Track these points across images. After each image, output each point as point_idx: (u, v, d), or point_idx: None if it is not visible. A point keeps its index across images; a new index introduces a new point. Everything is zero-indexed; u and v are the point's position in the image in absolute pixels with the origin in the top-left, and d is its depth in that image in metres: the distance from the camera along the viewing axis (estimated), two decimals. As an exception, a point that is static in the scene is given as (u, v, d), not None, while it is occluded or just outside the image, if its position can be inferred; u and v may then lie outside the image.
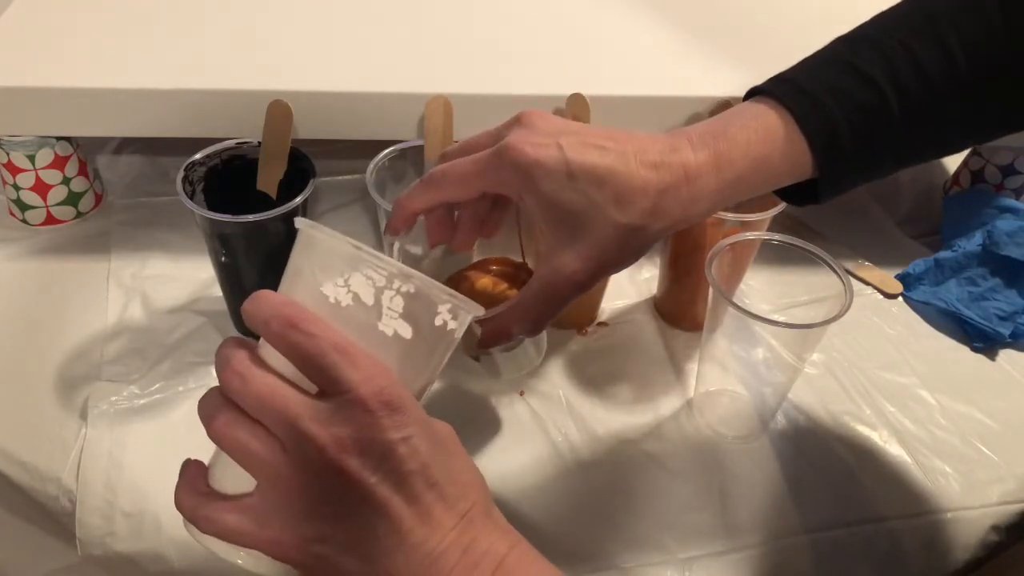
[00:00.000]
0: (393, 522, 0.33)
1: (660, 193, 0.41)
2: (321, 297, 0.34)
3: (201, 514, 0.35)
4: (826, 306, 0.51)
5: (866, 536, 0.54)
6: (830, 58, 0.45)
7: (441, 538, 0.33)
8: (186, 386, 0.58)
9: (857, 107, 0.43)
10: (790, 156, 0.43)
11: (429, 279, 0.34)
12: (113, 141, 0.80)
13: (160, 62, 0.64)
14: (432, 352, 0.36)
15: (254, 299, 0.34)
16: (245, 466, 0.34)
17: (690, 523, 0.54)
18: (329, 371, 0.32)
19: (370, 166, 0.59)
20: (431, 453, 0.34)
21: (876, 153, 0.44)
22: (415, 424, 0.33)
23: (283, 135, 0.58)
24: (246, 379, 0.33)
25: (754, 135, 0.42)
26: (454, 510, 0.34)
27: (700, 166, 0.41)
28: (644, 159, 0.41)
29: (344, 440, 0.32)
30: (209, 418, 0.34)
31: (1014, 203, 0.73)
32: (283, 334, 0.33)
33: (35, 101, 0.62)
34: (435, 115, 0.62)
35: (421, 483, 0.33)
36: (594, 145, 0.41)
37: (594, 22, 0.75)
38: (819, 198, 0.45)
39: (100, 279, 0.66)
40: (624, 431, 0.59)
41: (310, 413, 0.32)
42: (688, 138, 0.42)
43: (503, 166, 0.41)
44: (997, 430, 0.61)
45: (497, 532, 0.35)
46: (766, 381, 0.59)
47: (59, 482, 0.53)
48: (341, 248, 0.34)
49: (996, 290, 0.68)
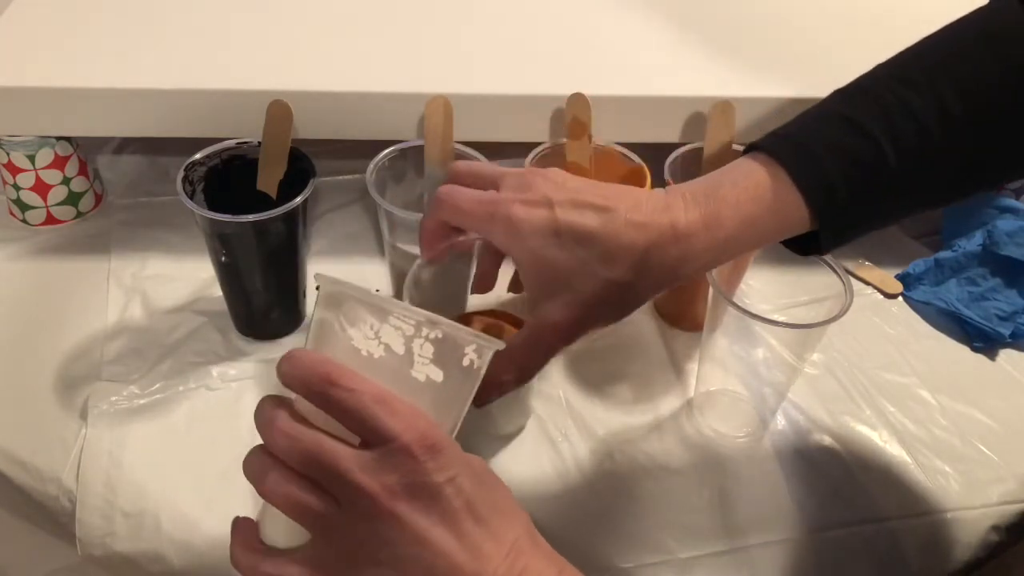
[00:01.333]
0: (448, 560, 0.34)
1: (646, 251, 0.41)
2: (353, 351, 0.35)
3: (261, 570, 0.36)
4: (826, 306, 0.51)
5: (866, 536, 0.54)
6: (826, 112, 0.45)
7: (493, 570, 0.35)
8: (186, 386, 0.58)
9: (853, 161, 0.42)
10: (779, 213, 0.43)
11: (454, 323, 0.35)
12: (113, 141, 0.80)
13: (160, 62, 0.64)
14: (460, 391, 0.38)
15: (289, 359, 0.35)
16: (299, 521, 0.35)
17: (690, 523, 0.54)
18: (371, 422, 0.34)
19: (370, 166, 0.59)
20: (474, 490, 0.35)
21: (875, 205, 0.44)
22: (457, 464, 0.35)
23: (283, 135, 0.58)
24: (293, 438, 0.34)
25: (744, 193, 0.42)
26: (503, 542, 0.36)
27: (689, 225, 0.41)
28: (633, 218, 0.41)
29: (394, 487, 0.33)
30: (259, 478, 0.35)
31: (1014, 203, 0.73)
32: (323, 392, 0.34)
33: (35, 101, 0.62)
34: (435, 115, 0.62)
35: (469, 521, 0.35)
36: (586, 204, 0.41)
37: (594, 22, 0.75)
38: (822, 251, 0.45)
39: (100, 279, 0.66)
40: (624, 431, 0.59)
41: (359, 465, 0.34)
42: (682, 196, 0.43)
43: (494, 220, 0.42)
44: (997, 430, 0.61)
45: (545, 559, 0.37)
46: (766, 381, 0.59)
47: (59, 482, 0.53)
48: (367, 301, 0.35)
49: (996, 290, 0.68)
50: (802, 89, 0.66)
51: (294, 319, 0.64)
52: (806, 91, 0.66)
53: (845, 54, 0.70)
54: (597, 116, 0.62)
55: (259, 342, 0.62)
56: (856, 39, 0.74)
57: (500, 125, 0.65)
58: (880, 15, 0.78)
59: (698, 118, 0.65)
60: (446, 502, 0.34)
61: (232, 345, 0.62)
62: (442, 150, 0.62)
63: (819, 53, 0.71)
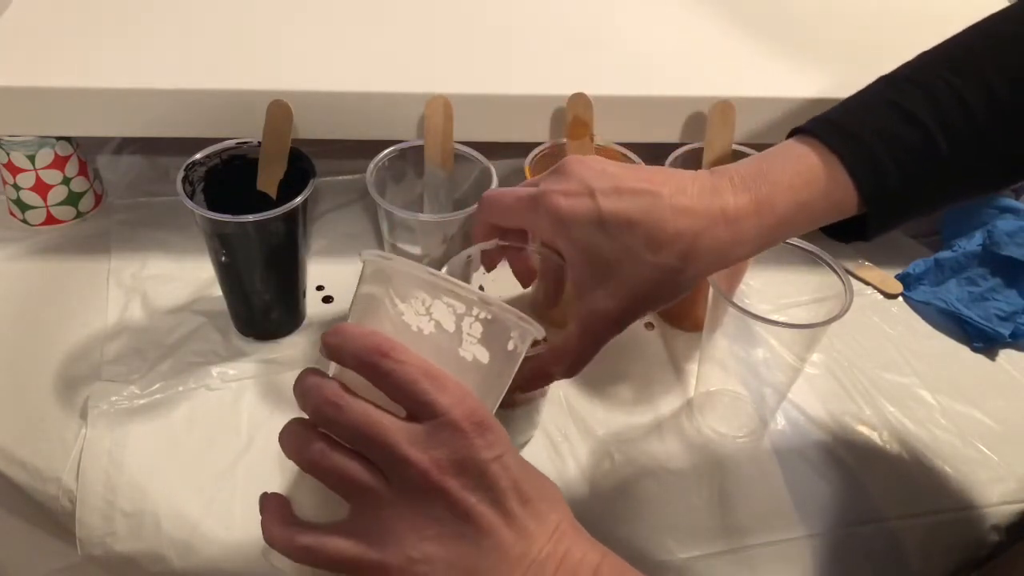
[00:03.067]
0: (494, 538, 0.34)
1: (695, 236, 0.41)
2: (403, 325, 0.35)
3: (299, 543, 0.35)
4: (826, 306, 0.51)
5: (866, 536, 0.54)
6: (873, 98, 0.45)
7: (539, 550, 0.35)
8: (186, 386, 0.58)
9: (904, 147, 0.43)
10: (832, 198, 0.43)
11: (503, 304, 0.35)
12: (113, 141, 0.80)
13: (160, 62, 0.64)
14: (502, 375, 0.38)
15: (338, 332, 0.35)
16: (343, 493, 0.35)
17: (690, 523, 0.54)
18: (421, 396, 0.33)
19: (370, 166, 0.59)
20: (520, 471, 0.35)
21: (925, 192, 0.44)
22: (504, 443, 0.35)
23: (283, 135, 0.58)
24: (341, 408, 0.34)
25: (797, 178, 0.42)
26: (546, 524, 0.36)
27: (739, 210, 0.41)
28: (679, 202, 0.41)
29: (443, 462, 0.33)
30: (300, 449, 0.35)
31: (1014, 203, 0.73)
32: (374, 363, 0.34)
33: (35, 101, 0.62)
34: (435, 115, 0.62)
35: (515, 500, 0.35)
36: (628, 190, 0.41)
37: (595, 22, 0.75)
38: (867, 237, 0.45)
39: (100, 279, 0.66)
40: (624, 431, 0.59)
41: (407, 438, 0.33)
42: (730, 179, 0.42)
43: (538, 213, 0.42)
44: (997, 430, 0.61)
45: (588, 543, 0.37)
46: (766, 381, 0.59)
47: (59, 482, 0.53)
48: (421, 277, 0.35)
49: (996, 290, 0.68)
50: (802, 89, 0.66)
51: (294, 319, 0.64)
52: (806, 91, 0.66)
53: (846, 54, 0.70)
54: (596, 116, 0.62)
55: (259, 342, 0.62)
56: (856, 39, 0.74)
57: (500, 125, 0.65)
58: (880, 15, 0.78)
59: (698, 118, 0.65)
60: (493, 480, 0.34)
61: (232, 345, 0.62)
62: (442, 150, 0.62)
63: (820, 53, 0.71)
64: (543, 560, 0.35)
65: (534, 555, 0.35)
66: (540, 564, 0.35)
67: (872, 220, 0.44)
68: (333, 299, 0.66)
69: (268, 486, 0.53)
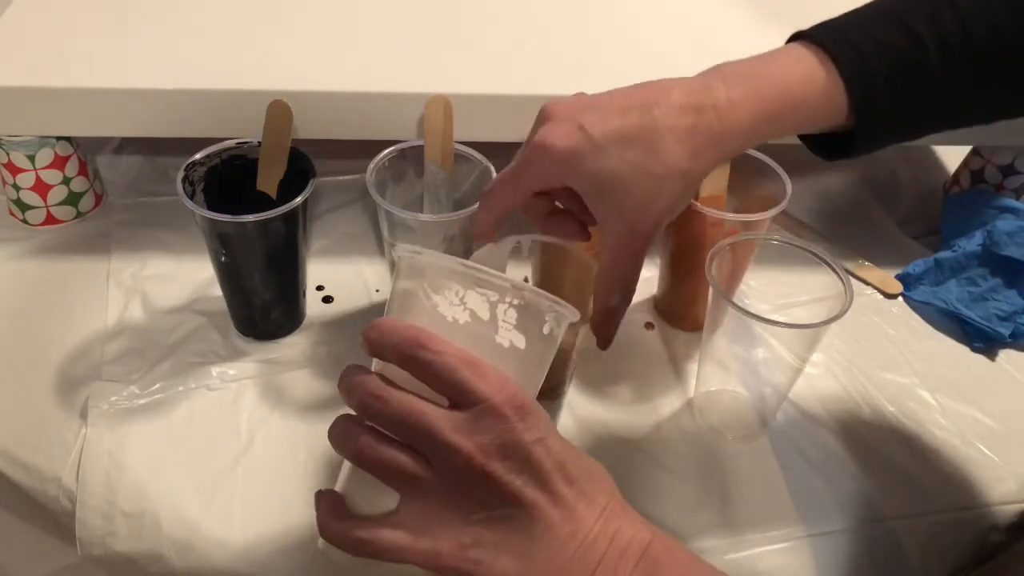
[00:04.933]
0: (543, 519, 0.34)
1: (692, 134, 0.41)
2: (439, 317, 0.36)
3: (354, 537, 0.36)
4: (826, 306, 0.51)
5: (866, 536, 0.54)
6: (878, 10, 0.45)
7: (588, 530, 0.35)
8: (186, 386, 0.58)
9: (897, 58, 0.43)
10: (826, 101, 0.43)
11: (535, 289, 0.36)
12: (113, 141, 0.80)
13: (160, 62, 0.64)
14: (540, 359, 0.38)
15: (376, 328, 0.35)
16: (392, 484, 0.35)
17: (690, 523, 0.54)
18: (461, 384, 0.34)
19: (370, 166, 0.59)
20: (564, 452, 0.36)
21: (912, 107, 0.44)
22: (546, 426, 0.35)
23: (283, 135, 0.58)
24: (386, 400, 0.35)
25: (791, 76, 0.43)
26: (594, 504, 0.36)
27: (733, 102, 0.42)
28: (669, 103, 0.41)
29: (488, 447, 0.34)
30: (349, 443, 0.36)
31: (1014, 203, 0.73)
32: (413, 355, 0.34)
33: (35, 101, 0.62)
34: (435, 115, 0.62)
35: (561, 481, 0.35)
36: (616, 110, 0.42)
37: (595, 21, 0.75)
38: (851, 151, 0.45)
39: (100, 279, 0.66)
40: (624, 431, 0.59)
41: (451, 425, 0.34)
42: (723, 76, 0.43)
43: (537, 163, 0.43)
44: (997, 430, 0.61)
45: (638, 522, 0.37)
46: (766, 381, 0.59)
47: (59, 482, 0.53)
48: (453, 268, 0.36)
49: (996, 290, 0.68)
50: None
51: (294, 319, 0.64)
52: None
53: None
54: (597, 116, 0.62)
55: (259, 342, 0.62)
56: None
57: (500, 125, 0.65)
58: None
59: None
60: (537, 462, 0.34)
61: (232, 345, 0.62)
62: (442, 150, 0.62)
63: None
64: (593, 539, 0.35)
65: (584, 534, 0.35)
66: (590, 543, 0.35)
67: (859, 130, 0.44)
68: (333, 299, 0.66)
69: (268, 486, 0.53)
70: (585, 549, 0.35)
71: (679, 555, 0.37)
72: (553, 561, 0.34)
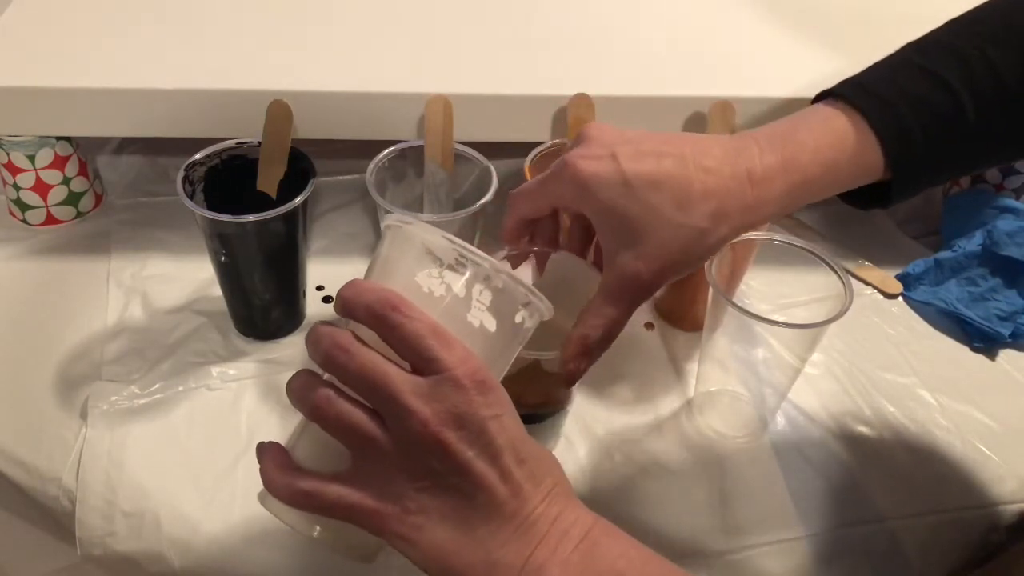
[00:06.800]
0: (489, 493, 0.35)
1: (723, 196, 0.41)
2: (415, 286, 0.36)
3: (298, 488, 0.36)
4: (826, 306, 0.51)
5: (866, 536, 0.54)
6: (901, 63, 0.45)
7: (532, 509, 0.35)
8: (186, 386, 0.58)
9: (931, 111, 0.43)
10: (859, 160, 0.43)
11: (514, 275, 0.36)
12: (113, 141, 0.80)
13: (160, 62, 0.64)
14: (507, 347, 0.38)
15: (352, 286, 0.36)
16: (344, 441, 0.35)
17: (690, 523, 0.54)
18: (427, 352, 0.34)
19: (370, 166, 0.59)
20: (518, 432, 0.36)
21: (950, 156, 0.44)
22: (504, 404, 0.35)
23: (283, 135, 0.58)
24: (352, 354, 0.35)
25: (823, 139, 0.42)
26: (541, 487, 0.36)
27: (767, 170, 0.42)
28: (704, 163, 0.41)
29: (443, 415, 0.34)
30: (306, 396, 0.36)
31: (1014, 203, 0.73)
32: (385, 316, 0.34)
33: (35, 101, 0.62)
34: (435, 115, 0.62)
35: (512, 459, 0.35)
36: (651, 152, 0.41)
37: (595, 21, 0.75)
38: (890, 201, 0.45)
39: (100, 279, 0.66)
40: (624, 431, 0.59)
41: (411, 389, 0.34)
42: (755, 141, 0.42)
43: (562, 182, 0.43)
44: (997, 430, 0.61)
45: (581, 509, 0.37)
46: (766, 381, 0.59)
47: (59, 482, 0.53)
48: (436, 241, 0.36)
49: (996, 290, 0.68)
50: (802, 89, 0.66)
51: (294, 319, 0.64)
52: (806, 91, 0.66)
53: (846, 54, 0.70)
54: (597, 116, 0.62)
55: (259, 342, 0.62)
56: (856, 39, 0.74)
57: (500, 125, 0.65)
58: (880, 15, 0.78)
59: (698, 118, 0.65)
60: (490, 437, 0.34)
61: (232, 345, 0.62)
62: (442, 150, 0.62)
63: (819, 53, 0.71)
64: (536, 519, 0.35)
65: (527, 513, 0.35)
66: (533, 522, 0.35)
67: (896, 184, 0.44)
68: (333, 299, 0.66)
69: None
70: (527, 527, 0.35)
71: (620, 539, 0.37)
72: (494, 535, 0.35)
